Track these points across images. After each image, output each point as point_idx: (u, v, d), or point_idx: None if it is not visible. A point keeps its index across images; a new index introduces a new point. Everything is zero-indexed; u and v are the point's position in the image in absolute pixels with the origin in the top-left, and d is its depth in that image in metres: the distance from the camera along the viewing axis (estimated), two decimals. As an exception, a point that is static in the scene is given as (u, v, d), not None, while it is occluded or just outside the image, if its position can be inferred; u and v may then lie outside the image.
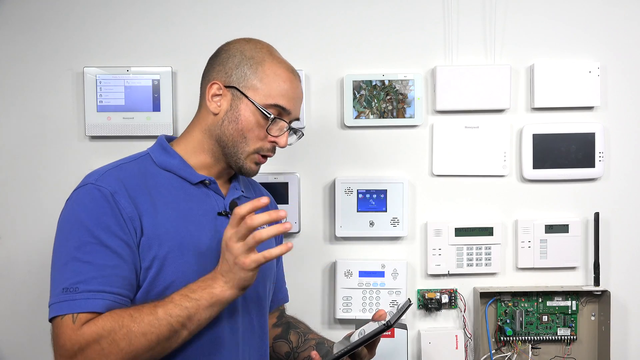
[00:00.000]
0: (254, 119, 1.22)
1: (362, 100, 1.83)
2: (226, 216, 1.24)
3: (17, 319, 1.85)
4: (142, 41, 1.85)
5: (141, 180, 1.18)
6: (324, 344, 1.41)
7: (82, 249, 1.09)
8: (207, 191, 1.25)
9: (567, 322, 1.85)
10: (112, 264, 1.09)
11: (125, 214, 1.12)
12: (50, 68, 1.84)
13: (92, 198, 1.13)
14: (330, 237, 1.88)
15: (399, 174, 1.86)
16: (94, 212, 1.11)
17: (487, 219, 1.85)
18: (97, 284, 1.07)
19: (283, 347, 1.44)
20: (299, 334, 1.45)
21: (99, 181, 1.15)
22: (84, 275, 1.08)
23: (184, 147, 1.27)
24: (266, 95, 1.22)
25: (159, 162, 1.23)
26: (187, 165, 1.24)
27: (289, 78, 1.24)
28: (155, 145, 1.28)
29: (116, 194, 1.13)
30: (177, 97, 1.84)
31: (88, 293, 1.07)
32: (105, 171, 1.18)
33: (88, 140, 1.85)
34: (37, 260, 1.85)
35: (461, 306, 1.86)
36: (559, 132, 1.83)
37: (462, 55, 1.85)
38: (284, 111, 1.24)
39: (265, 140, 1.24)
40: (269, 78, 1.22)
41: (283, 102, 1.23)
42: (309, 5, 1.85)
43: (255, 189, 1.46)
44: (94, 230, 1.10)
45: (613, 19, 1.85)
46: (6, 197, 1.85)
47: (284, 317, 1.50)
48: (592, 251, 1.85)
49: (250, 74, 1.22)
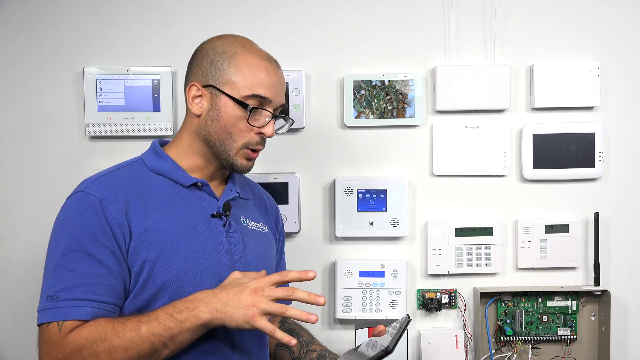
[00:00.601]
0: (234, 113, 1.21)
1: (362, 100, 1.83)
2: (219, 217, 1.24)
3: (17, 319, 1.84)
4: (142, 41, 1.85)
5: (132, 185, 1.19)
6: (325, 357, 1.39)
7: (67, 256, 1.10)
8: (200, 193, 1.25)
9: (567, 322, 1.85)
10: (96, 272, 1.10)
11: (112, 220, 1.13)
12: (50, 68, 1.84)
13: (80, 206, 1.14)
14: (330, 237, 1.88)
15: (399, 174, 1.86)
16: (80, 220, 1.13)
17: (487, 219, 1.85)
18: (80, 292, 1.08)
19: (284, 355, 1.43)
20: (302, 343, 1.43)
21: (88, 189, 1.16)
22: (67, 283, 1.09)
23: (175, 151, 1.27)
24: (243, 87, 1.21)
25: (151, 166, 1.24)
26: (179, 169, 1.25)
27: (264, 66, 1.23)
28: (148, 150, 1.28)
29: (104, 200, 1.14)
30: (177, 97, 1.84)
31: (70, 301, 1.08)
32: (96, 178, 1.19)
33: (88, 140, 1.85)
34: (37, 260, 1.84)
35: (461, 306, 1.86)
36: (559, 132, 1.83)
37: (462, 55, 1.85)
38: (265, 100, 1.22)
39: (251, 133, 1.23)
40: (244, 70, 1.21)
41: (261, 91, 1.21)
42: (309, 5, 1.85)
43: (252, 188, 1.45)
44: (79, 239, 1.11)
45: (613, 19, 1.85)
46: (6, 197, 1.85)
47: (287, 322, 1.49)
48: (592, 251, 1.85)
49: (224, 69, 1.22)
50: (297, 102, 1.82)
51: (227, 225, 1.25)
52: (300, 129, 1.85)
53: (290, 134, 1.85)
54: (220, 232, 1.23)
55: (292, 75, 1.81)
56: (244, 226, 1.30)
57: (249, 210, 1.36)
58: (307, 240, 1.86)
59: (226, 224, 1.25)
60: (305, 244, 1.86)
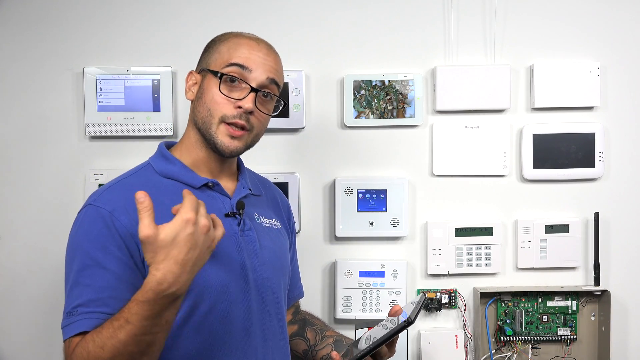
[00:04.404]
0: (213, 86, 1.20)
1: (362, 100, 1.83)
2: (234, 217, 1.23)
3: (17, 319, 1.84)
4: (142, 41, 1.85)
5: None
6: (342, 342, 1.40)
7: (82, 272, 1.10)
8: (212, 193, 1.23)
9: (567, 322, 1.85)
10: (112, 285, 1.09)
11: (124, 231, 1.11)
12: (50, 68, 1.84)
13: (90, 220, 1.13)
14: (330, 237, 1.88)
15: (399, 174, 1.86)
16: (91, 234, 1.12)
17: (487, 219, 1.85)
18: (95, 306, 1.07)
19: (300, 344, 1.43)
20: (316, 331, 1.43)
21: (97, 201, 1.15)
22: (84, 298, 1.08)
23: (179, 150, 1.26)
24: (223, 60, 1.21)
25: (160, 170, 1.23)
26: (189, 170, 1.23)
27: (247, 42, 1.23)
28: (155, 154, 1.27)
29: (114, 212, 1.12)
30: (177, 97, 1.84)
31: (84, 314, 1.07)
32: (105, 189, 1.18)
33: (88, 140, 1.85)
34: (37, 260, 1.85)
35: (461, 306, 1.86)
36: (559, 132, 1.83)
37: (462, 55, 1.85)
38: (244, 69, 1.20)
39: (229, 105, 1.19)
40: (229, 47, 1.23)
41: (241, 60, 1.20)
42: (309, 5, 1.85)
43: (263, 184, 1.43)
44: (92, 253, 1.10)
45: (613, 19, 1.85)
46: (6, 197, 1.85)
47: (300, 313, 1.49)
48: (592, 251, 1.85)
49: (213, 51, 1.24)
50: (297, 102, 1.82)
51: (242, 224, 1.24)
52: (300, 129, 1.85)
53: (290, 134, 1.85)
54: (236, 232, 1.22)
55: (292, 75, 1.81)
56: (257, 223, 1.29)
57: (261, 207, 1.35)
58: (307, 240, 1.86)
59: (241, 223, 1.23)
60: (305, 244, 1.86)
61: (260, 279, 1.24)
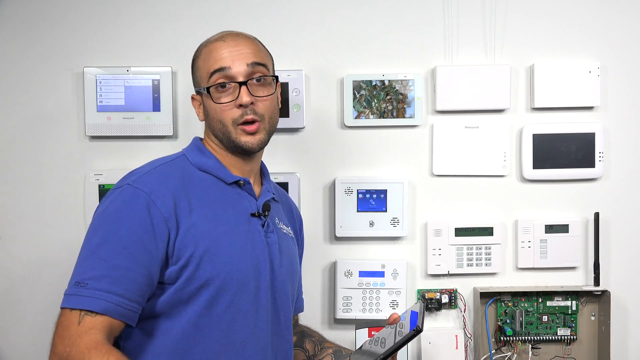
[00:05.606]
0: (213, 102, 1.24)
1: (362, 100, 1.83)
2: (258, 217, 1.25)
3: (17, 319, 1.84)
4: (142, 41, 1.85)
5: (179, 181, 1.20)
6: (341, 352, 1.41)
7: (103, 246, 1.10)
8: (240, 192, 1.26)
9: (567, 322, 1.85)
10: (127, 266, 1.09)
11: (159, 215, 1.13)
12: (50, 68, 1.84)
13: (126, 199, 1.14)
14: (330, 237, 1.88)
15: (399, 174, 1.86)
16: (123, 213, 1.13)
17: (487, 219, 1.85)
18: (106, 283, 1.08)
19: (299, 355, 1.44)
20: (314, 342, 1.45)
21: (137, 182, 1.16)
22: (96, 271, 1.08)
23: (212, 150, 1.29)
24: (206, 73, 1.24)
25: (195, 162, 1.25)
26: (222, 166, 1.26)
27: (216, 46, 1.25)
28: (190, 146, 1.30)
29: (152, 195, 1.14)
30: (177, 97, 1.84)
31: (94, 291, 1.07)
32: (145, 172, 1.19)
33: (88, 140, 1.85)
34: (37, 260, 1.85)
35: (461, 306, 1.86)
36: (559, 132, 1.83)
37: (462, 55, 1.85)
38: (224, 70, 1.23)
39: (233, 109, 1.23)
40: (203, 59, 1.26)
41: (217, 64, 1.23)
42: (308, 5, 1.85)
43: (280, 192, 1.46)
44: (119, 231, 1.11)
45: (613, 19, 1.85)
46: (6, 197, 1.85)
47: (298, 325, 1.51)
48: (592, 251, 1.85)
49: (195, 70, 1.29)
50: (297, 102, 1.82)
51: (266, 226, 1.26)
52: (300, 129, 1.85)
53: (290, 133, 1.85)
54: (260, 232, 1.24)
55: (292, 75, 1.81)
56: (278, 227, 1.31)
57: (280, 213, 1.37)
58: (307, 240, 1.85)
59: (265, 224, 1.26)
60: (305, 244, 1.85)
61: (277, 281, 1.26)
